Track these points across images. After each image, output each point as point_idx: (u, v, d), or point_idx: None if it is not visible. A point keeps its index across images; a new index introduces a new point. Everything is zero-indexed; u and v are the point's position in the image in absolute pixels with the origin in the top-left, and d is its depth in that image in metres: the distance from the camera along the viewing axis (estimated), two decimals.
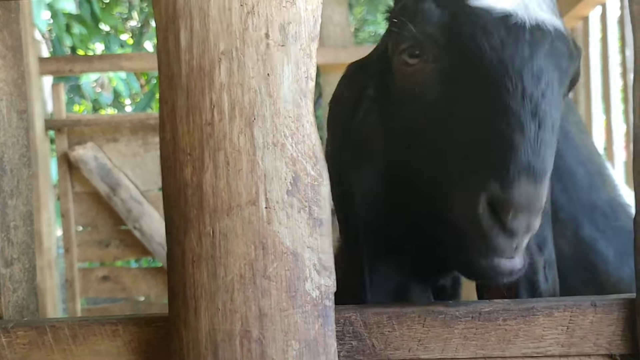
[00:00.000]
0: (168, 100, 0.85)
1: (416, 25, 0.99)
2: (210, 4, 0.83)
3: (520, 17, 0.94)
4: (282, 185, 0.82)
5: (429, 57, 1.00)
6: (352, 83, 1.16)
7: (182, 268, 0.83)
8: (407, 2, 1.04)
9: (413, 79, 1.02)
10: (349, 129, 1.12)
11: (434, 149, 0.97)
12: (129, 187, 4.22)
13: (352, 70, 1.19)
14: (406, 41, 1.01)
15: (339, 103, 1.17)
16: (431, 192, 0.96)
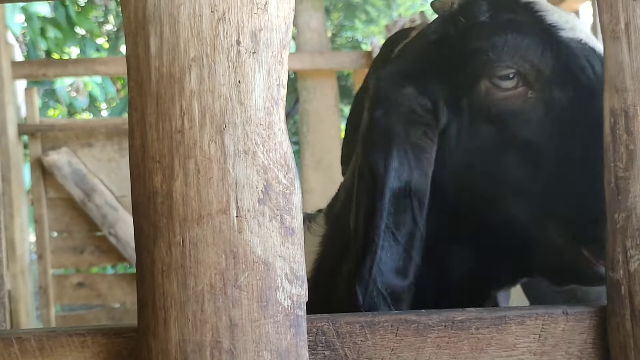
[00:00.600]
0: (137, 107, 0.84)
1: (515, 53, 1.02)
2: (180, 10, 0.82)
3: (597, 48, 1.01)
4: (254, 194, 0.82)
5: (531, 87, 1.02)
6: (400, 93, 1.09)
7: (151, 278, 0.82)
8: (492, 28, 1.04)
9: (506, 105, 1.03)
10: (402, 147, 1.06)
11: (529, 177, 1.02)
12: (104, 192, 4.19)
13: (394, 74, 1.11)
14: (505, 69, 1.02)
15: (388, 115, 1.08)
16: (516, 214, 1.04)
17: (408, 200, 1.04)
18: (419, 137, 1.05)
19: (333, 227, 1.25)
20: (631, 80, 0.81)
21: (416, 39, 1.17)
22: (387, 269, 1.03)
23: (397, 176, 1.03)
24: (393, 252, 1.04)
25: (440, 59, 1.10)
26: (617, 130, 0.81)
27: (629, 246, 0.81)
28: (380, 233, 1.02)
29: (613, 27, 0.82)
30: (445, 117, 1.07)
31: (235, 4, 0.82)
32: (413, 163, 1.04)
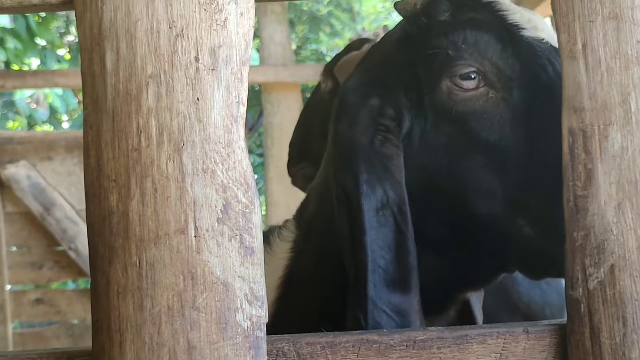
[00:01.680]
0: (93, 124, 0.82)
1: (475, 51, 1.02)
2: (137, 26, 0.80)
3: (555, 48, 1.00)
4: (212, 213, 0.80)
5: (493, 86, 1.02)
6: (364, 105, 1.09)
7: (106, 300, 0.80)
8: (452, 26, 1.04)
9: (468, 106, 1.03)
10: (368, 159, 1.05)
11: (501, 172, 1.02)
12: (64, 206, 4.11)
13: (359, 86, 1.12)
14: (465, 67, 1.02)
15: (353, 128, 1.07)
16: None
17: (388, 211, 1.03)
18: (385, 145, 1.05)
19: (305, 231, 1.24)
20: (589, 100, 0.82)
21: (381, 41, 1.18)
22: (382, 286, 1.01)
23: (371, 189, 1.02)
24: (386, 267, 1.02)
25: (404, 60, 1.10)
26: (576, 150, 0.82)
27: (587, 264, 0.81)
28: (367, 251, 1.00)
29: (571, 47, 0.83)
30: (409, 121, 1.07)
31: (194, 20, 0.81)
32: (382, 174, 1.04)
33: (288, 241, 1.26)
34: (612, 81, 0.82)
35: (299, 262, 1.23)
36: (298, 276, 1.23)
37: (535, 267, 1.08)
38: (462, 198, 1.04)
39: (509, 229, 1.03)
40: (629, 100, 0.81)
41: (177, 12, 0.81)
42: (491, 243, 1.06)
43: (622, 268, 0.80)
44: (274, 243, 1.30)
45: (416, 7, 1.10)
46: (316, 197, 1.22)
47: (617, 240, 0.80)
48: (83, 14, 0.83)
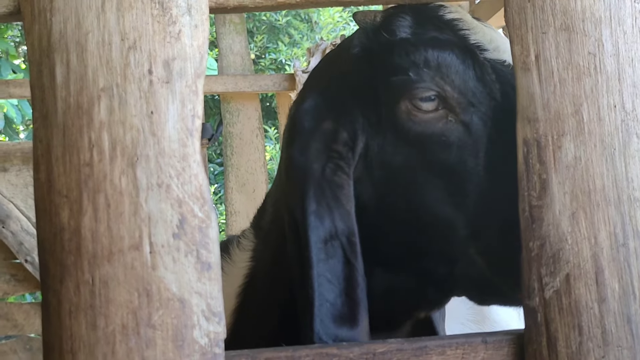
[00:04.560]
0: (42, 139, 0.80)
1: (437, 74, 1.00)
2: (88, 38, 0.79)
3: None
4: (168, 228, 0.79)
5: (452, 109, 1.00)
6: (318, 129, 1.05)
7: (58, 320, 0.78)
8: (414, 46, 1.02)
9: (426, 128, 1.01)
10: (319, 188, 1.02)
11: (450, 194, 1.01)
12: (19, 218, 4.02)
13: (313, 109, 1.08)
14: (425, 90, 1.00)
15: (305, 154, 1.04)
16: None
17: (337, 242, 1.00)
18: (336, 174, 1.03)
19: (263, 240, 1.23)
20: (542, 110, 0.82)
21: (338, 53, 1.16)
22: (328, 320, 0.98)
23: (319, 220, 1.00)
24: (334, 301, 0.99)
25: (361, 77, 1.07)
26: (530, 160, 0.83)
27: (543, 274, 0.82)
28: (314, 284, 0.98)
29: (524, 59, 0.84)
30: (363, 142, 1.05)
31: (147, 32, 0.80)
32: (332, 203, 1.01)
33: (247, 250, 1.25)
34: (565, 92, 0.83)
35: (258, 271, 1.22)
36: (257, 285, 1.21)
37: (482, 294, 1.08)
38: (415, 221, 1.03)
39: (460, 255, 1.02)
40: (581, 111, 0.82)
41: (129, 24, 0.79)
42: (443, 267, 1.05)
43: (577, 277, 0.81)
44: (234, 253, 1.28)
45: (376, 19, 1.08)
46: (272, 204, 1.21)
47: (572, 249, 0.81)
48: (31, 26, 0.81)
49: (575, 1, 0.83)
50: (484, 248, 1.01)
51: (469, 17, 1.06)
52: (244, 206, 4.14)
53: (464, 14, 1.05)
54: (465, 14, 1.05)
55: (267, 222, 1.21)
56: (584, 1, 0.83)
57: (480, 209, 1.00)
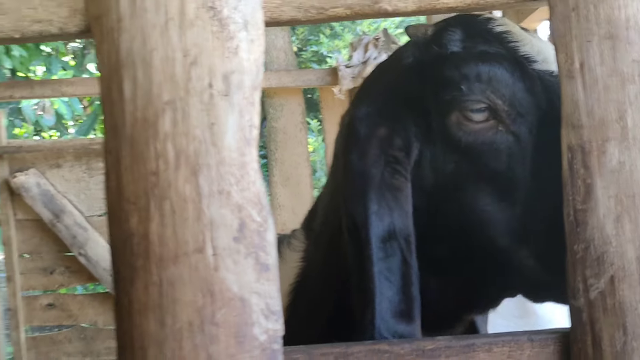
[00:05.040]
0: (112, 150, 0.86)
1: (487, 88, 1.03)
2: (153, 55, 0.84)
3: None
4: (229, 232, 0.84)
5: (502, 120, 1.04)
6: (374, 136, 1.10)
7: (129, 318, 0.84)
8: (465, 60, 1.05)
9: (477, 137, 1.05)
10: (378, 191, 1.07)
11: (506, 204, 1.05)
12: (73, 213, 4.16)
13: (368, 116, 1.13)
14: (476, 103, 1.04)
15: (363, 159, 1.09)
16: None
17: (395, 243, 1.05)
18: (394, 177, 1.07)
19: (314, 242, 1.28)
20: (586, 117, 0.85)
21: (390, 63, 1.20)
22: (388, 316, 1.04)
23: (379, 221, 1.05)
24: (392, 298, 1.04)
25: (413, 88, 1.11)
26: (575, 165, 0.85)
27: (588, 275, 0.85)
28: (375, 281, 1.03)
29: (569, 67, 0.86)
30: (417, 149, 1.09)
31: (207, 48, 0.85)
32: (392, 204, 1.06)
33: (298, 251, 1.30)
34: (609, 99, 0.85)
35: (309, 272, 1.27)
36: (308, 285, 1.27)
37: (536, 293, 1.12)
38: (467, 224, 1.07)
39: (511, 257, 1.06)
40: (625, 117, 0.84)
41: (191, 40, 0.85)
42: (494, 269, 1.09)
43: (621, 279, 0.83)
44: (285, 252, 1.34)
45: (427, 33, 1.11)
46: (323, 208, 1.26)
47: (616, 252, 0.84)
48: (101, 44, 0.87)
49: (619, 10, 0.85)
50: (535, 250, 1.05)
51: (517, 28, 1.08)
52: (288, 200, 4.20)
53: (512, 26, 1.08)
54: (514, 26, 1.08)
55: (318, 224, 1.26)
56: (627, 10, 0.85)
57: (529, 213, 1.03)
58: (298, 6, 0.92)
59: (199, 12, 0.84)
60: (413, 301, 1.06)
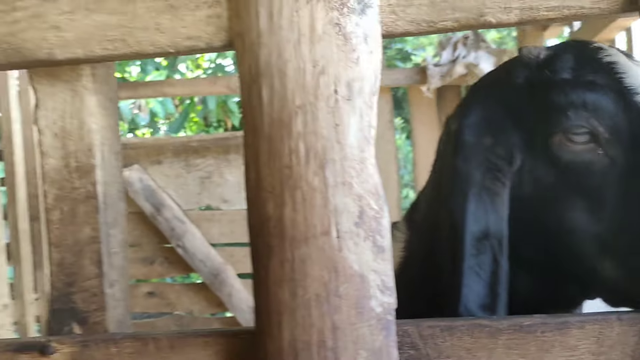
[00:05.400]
0: (251, 146, 1.01)
1: (591, 116, 1.13)
2: (288, 66, 0.99)
3: None
4: (350, 218, 0.97)
5: (601, 145, 1.14)
6: (479, 143, 1.21)
7: (266, 288, 0.99)
8: (573, 88, 1.14)
9: (576, 157, 1.15)
10: (478, 194, 1.18)
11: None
12: (172, 206, 4.41)
13: (475, 125, 1.23)
14: (579, 128, 1.14)
15: (467, 164, 1.20)
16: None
17: (487, 242, 1.16)
18: (494, 183, 1.18)
19: (415, 233, 1.41)
20: None
21: (500, 77, 1.30)
22: (474, 307, 1.15)
23: (475, 220, 1.16)
24: (478, 291, 1.16)
25: (521, 105, 1.21)
26: None
27: None
28: (463, 274, 1.15)
29: None
30: (519, 161, 1.19)
31: (332, 59, 0.99)
32: (489, 207, 1.17)
33: (400, 241, 1.43)
34: None
35: (410, 260, 1.39)
36: (409, 272, 1.39)
37: (615, 299, 1.20)
38: (557, 231, 1.17)
39: (595, 266, 1.16)
40: None
41: (319, 53, 0.98)
42: (576, 275, 1.19)
43: None
44: None
45: (539, 57, 1.21)
46: (424, 202, 1.38)
47: None
48: (243, 57, 1.02)
49: None
50: (619, 262, 1.14)
51: (624, 59, 1.17)
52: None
53: (620, 57, 1.17)
54: (621, 57, 1.17)
55: (419, 218, 1.38)
56: None
57: (616, 228, 1.13)
58: (411, 20, 1.04)
59: (326, 28, 0.98)
60: (498, 297, 1.17)
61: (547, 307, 1.28)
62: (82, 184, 1.17)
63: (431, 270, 1.30)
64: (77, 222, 1.17)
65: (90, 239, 1.16)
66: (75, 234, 1.17)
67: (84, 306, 1.16)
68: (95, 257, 1.16)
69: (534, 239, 1.21)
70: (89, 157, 1.16)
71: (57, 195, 1.18)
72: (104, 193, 1.17)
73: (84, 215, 1.17)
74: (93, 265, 1.17)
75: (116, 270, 1.19)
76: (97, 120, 1.16)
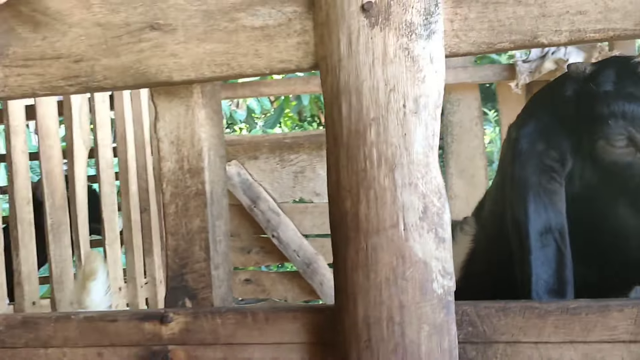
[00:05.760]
0: (333, 152, 1.20)
1: (630, 124, 1.28)
2: (363, 85, 1.17)
3: None
4: (415, 214, 1.15)
5: (639, 148, 1.29)
6: (534, 150, 1.38)
7: (344, 272, 1.18)
8: (614, 99, 1.29)
9: (617, 159, 1.30)
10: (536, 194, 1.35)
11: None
12: (267, 199, 4.68)
13: (530, 133, 1.39)
14: (619, 135, 1.29)
15: (524, 169, 1.37)
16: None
17: (550, 235, 1.32)
18: (550, 183, 1.34)
19: (482, 228, 1.57)
20: None
21: (552, 90, 1.45)
22: (542, 293, 1.32)
23: (537, 218, 1.32)
24: (547, 279, 1.32)
25: (569, 115, 1.36)
26: None
27: None
28: (532, 266, 1.31)
29: None
30: (571, 164, 1.35)
31: (402, 78, 1.15)
32: (548, 204, 1.33)
33: (469, 234, 1.59)
34: None
35: (477, 251, 1.55)
36: (475, 263, 1.55)
37: None
38: (604, 225, 1.33)
39: (637, 256, 1.31)
40: None
41: (390, 73, 1.16)
42: (621, 265, 1.35)
43: None
44: (458, 235, 1.63)
45: (585, 71, 1.36)
46: (490, 200, 1.54)
47: None
48: (326, 77, 1.21)
49: None
50: None
51: None
52: (462, 190, 4.42)
53: None
54: None
55: (485, 214, 1.54)
56: None
57: None
58: (472, 43, 1.20)
59: (397, 52, 1.16)
60: (565, 282, 1.32)
61: (602, 292, 1.42)
62: (193, 183, 1.40)
63: (495, 259, 1.45)
64: (189, 215, 1.40)
65: (199, 229, 1.39)
66: (188, 225, 1.40)
67: (194, 285, 1.39)
68: (203, 244, 1.39)
69: (585, 232, 1.35)
70: (199, 161, 1.38)
71: (172, 193, 1.41)
72: (211, 191, 1.39)
73: (195, 209, 1.40)
74: (202, 250, 1.39)
75: (220, 255, 1.41)
76: (205, 130, 1.38)
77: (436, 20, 1.16)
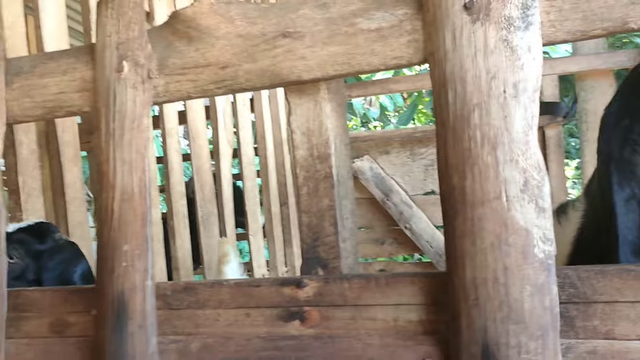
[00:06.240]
0: (441, 135, 1.36)
1: None
2: (467, 74, 1.32)
3: None
4: (517, 187, 1.28)
5: None
6: (618, 125, 1.51)
7: (453, 240, 1.34)
8: None
9: None
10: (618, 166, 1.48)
11: None
12: (399, 192, 4.85)
13: (616, 111, 1.53)
14: None
15: (609, 144, 1.51)
16: None
17: (634, 202, 1.44)
18: (632, 155, 1.45)
19: (590, 204, 1.68)
20: None
21: (637, 72, 1.54)
22: (629, 254, 1.44)
23: (620, 187, 1.45)
24: (633, 241, 1.44)
25: None
26: None
27: None
28: (618, 230, 1.43)
29: None
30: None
31: (502, 67, 1.30)
32: (629, 175, 1.45)
33: (579, 210, 1.70)
34: None
35: (586, 225, 1.65)
36: (585, 236, 1.65)
37: None
38: None
39: None
40: None
41: (491, 62, 1.31)
42: None
43: None
44: (569, 212, 1.74)
45: None
46: (596, 178, 1.64)
47: None
48: (434, 70, 1.37)
49: None
50: None
51: None
52: None
53: None
54: None
55: (593, 190, 1.64)
56: None
57: None
58: (567, 31, 1.32)
59: (497, 44, 1.30)
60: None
61: None
62: (322, 167, 1.61)
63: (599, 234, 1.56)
64: (319, 195, 1.61)
65: (328, 207, 1.60)
66: (318, 204, 1.62)
67: (325, 255, 1.60)
68: (332, 220, 1.60)
69: None
70: (326, 148, 1.59)
71: (305, 176, 1.63)
72: (337, 174, 1.60)
73: (324, 190, 1.61)
74: (331, 226, 1.60)
75: (347, 230, 1.61)
76: (331, 121, 1.59)
77: (533, 13, 1.30)
